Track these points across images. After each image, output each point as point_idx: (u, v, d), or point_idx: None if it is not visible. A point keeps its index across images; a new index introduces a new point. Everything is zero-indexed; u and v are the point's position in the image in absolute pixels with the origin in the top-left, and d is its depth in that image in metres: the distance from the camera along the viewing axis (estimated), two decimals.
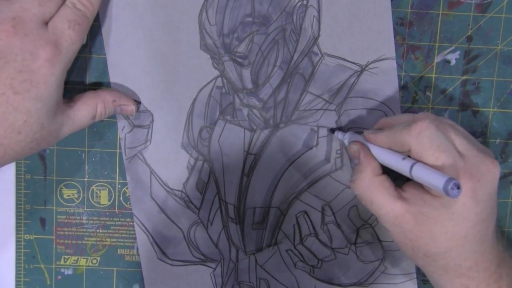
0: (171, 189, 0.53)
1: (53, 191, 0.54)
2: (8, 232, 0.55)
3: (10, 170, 0.54)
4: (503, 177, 0.54)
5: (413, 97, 0.53)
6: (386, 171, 0.46)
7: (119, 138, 0.53)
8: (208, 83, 0.52)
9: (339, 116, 0.52)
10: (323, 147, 0.53)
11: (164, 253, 0.54)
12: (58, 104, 0.45)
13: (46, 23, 0.44)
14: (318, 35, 0.51)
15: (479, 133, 0.53)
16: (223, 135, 0.52)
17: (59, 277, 0.56)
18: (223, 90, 0.52)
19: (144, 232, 0.54)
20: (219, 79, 0.51)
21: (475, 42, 0.52)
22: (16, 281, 0.56)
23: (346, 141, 0.50)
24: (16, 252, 0.55)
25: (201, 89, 0.52)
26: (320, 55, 0.51)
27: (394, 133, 0.44)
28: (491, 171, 0.42)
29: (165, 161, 0.53)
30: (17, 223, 0.55)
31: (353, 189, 0.47)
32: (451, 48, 0.52)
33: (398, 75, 0.52)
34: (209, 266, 0.55)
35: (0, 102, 0.42)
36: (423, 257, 0.44)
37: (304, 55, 0.51)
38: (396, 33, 0.51)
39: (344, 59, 0.51)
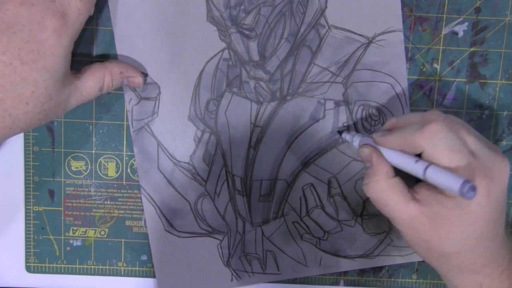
0: (178, 161, 0.53)
1: (61, 163, 0.55)
2: (18, 204, 0.56)
3: (18, 142, 0.54)
4: (509, 149, 0.54)
5: (421, 69, 0.53)
6: (397, 172, 0.46)
7: (126, 110, 0.53)
8: (215, 55, 0.51)
9: (346, 88, 0.52)
10: (330, 119, 0.53)
11: (171, 225, 0.55)
12: (66, 75, 0.45)
13: None
14: (326, 7, 0.51)
15: (486, 105, 0.53)
16: (230, 108, 0.52)
17: (68, 248, 0.56)
18: (230, 62, 0.52)
19: (152, 204, 0.54)
20: (226, 51, 0.51)
21: (484, 13, 0.52)
22: (26, 252, 0.56)
23: (355, 144, 0.50)
24: (26, 223, 0.56)
25: (208, 61, 0.51)
26: (327, 27, 0.51)
27: (406, 135, 0.44)
28: (503, 169, 0.43)
29: (172, 133, 0.53)
30: (26, 195, 0.55)
31: (366, 192, 0.47)
32: (459, 20, 0.52)
33: (406, 47, 0.52)
34: (216, 238, 0.55)
35: (8, 72, 0.42)
36: (438, 257, 0.45)
37: (311, 27, 0.51)
38: (403, 5, 0.51)
39: (351, 31, 0.51)
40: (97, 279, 0.57)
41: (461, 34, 0.52)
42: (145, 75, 0.51)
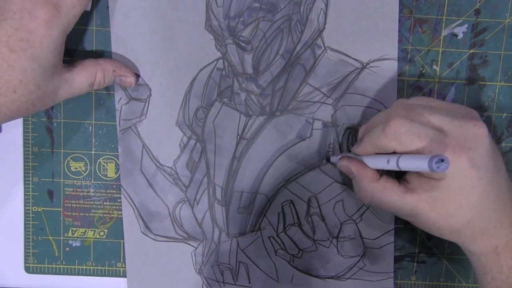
0: (161, 164, 0.53)
1: (60, 164, 0.54)
2: (17, 205, 0.56)
3: (18, 143, 0.54)
4: (509, 151, 0.54)
5: (420, 71, 0.53)
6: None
7: (115, 109, 0.53)
8: (209, 64, 0.52)
9: (336, 110, 0.52)
10: (316, 139, 0.53)
11: (147, 227, 0.55)
12: (56, 66, 0.45)
13: None
14: (324, 28, 0.51)
15: (485, 107, 0.53)
16: (218, 117, 0.52)
17: (67, 248, 0.56)
18: (223, 73, 0.52)
19: (130, 205, 0.54)
20: (221, 61, 0.51)
21: (483, 15, 0.52)
22: (25, 252, 0.56)
23: (337, 159, 0.51)
24: (25, 224, 0.56)
25: (201, 69, 0.52)
26: (323, 48, 0.51)
27: (373, 139, 0.44)
28: (478, 133, 0.42)
29: (158, 136, 0.53)
30: (25, 195, 0.55)
31: (361, 201, 0.48)
32: (458, 21, 0.52)
33: (405, 48, 0.52)
34: (191, 245, 0.55)
35: None
36: (450, 233, 0.45)
37: (308, 47, 0.51)
38: (403, 6, 0.51)
39: (346, 55, 0.51)
40: (96, 279, 0.57)
41: (460, 36, 0.52)
42: (137, 76, 0.51)
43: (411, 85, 0.53)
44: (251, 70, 0.51)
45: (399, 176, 0.47)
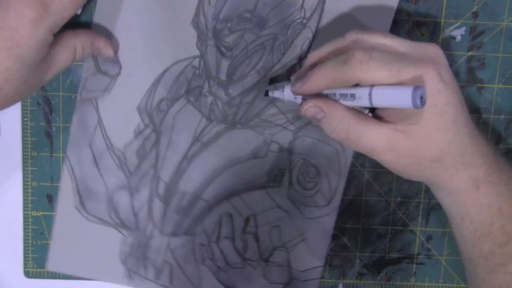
0: (112, 145, 0.53)
1: (59, 168, 0.54)
2: (16, 209, 0.55)
3: (16, 147, 0.54)
4: (506, 152, 0.55)
5: None
6: None
7: (81, 77, 0.52)
8: (185, 59, 0.51)
9: (295, 138, 0.52)
10: (269, 161, 0.53)
11: (82, 204, 0.54)
12: (40, 62, 0.44)
13: None
14: (305, 56, 0.51)
15: (483, 109, 0.54)
16: (180, 113, 0.52)
17: None
18: (197, 72, 0.51)
19: (71, 176, 0.53)
20: (197, 60, 0.51)
21: (481, 18, 0.52)
22: (25, 257, 0.56)
23: (291, 98, 0.47)
24: (24, 228, 0.55)
25: (176, 62, 0.51)
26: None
27: (331, 72, 0.42)
28: (438, 52, 0.42)
29: (115, 116, 0.52)
30: (24, 200, 0.55)
31: (336, 137, 0.44)
32: (456, 24, 0.52)
33: None
34: (121, 233, 0.54)
35: None
36: (431, 165, 0.43)
37: (285, 69, 0.51)
38: (401, 9, 0.51)
39: None
40: (96, 283, 0.57)
41: (458, 38, 0.52)
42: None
43: None
44: (224, 76, 0.51)
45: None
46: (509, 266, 0.44)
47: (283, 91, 0.48)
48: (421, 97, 0.37)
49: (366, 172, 0.55)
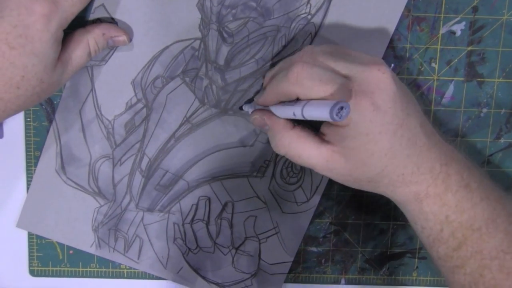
0: (102, 115, 0.53)
1: None
2: (20, 208, 0.55)
3: (20, 147, 0.55)
4: (507, 147, 0.55)
5: (419, 69, 0.53)
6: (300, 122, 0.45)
7: None
8: (186, 40, 0.51)
9: None
10: (256, 150, 0.53)
11: (63, 168, 0.53)
12: (56, 59, 0.45)
13: None
14: None
15: (484, 104, 0.54)
16: (174, 92, 0.52)
17: (71, 251, 0.57)
18: (196, 54, 0.52)
19: (55, 140, 0.53)
20: (198, 42, 0.51)
21: (481, 12, 0.52)
22: (29, 256, 0.56)
23: (250, 111, 0.50)
24: None
25: (177, 41, 0.51)
26: None
27: (276, 86, 0.44)
28: (381, 77, 0.41)
29: (109, 87, 0.52)
30: None
31: (278, 152, 0.46)
32: (456, 19, 0.52)
33: (403, 47, 0.53)
34: (97, 201, 0.54)
35: None
36: (369, 183, 0.45)
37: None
38: None
39: None
40: (100, 281, 0.57)
41: (458, 33, 0.53)
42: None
43: (409, 83, 0.53)
44: (223, 62, 0.51)
45: (316, 129, 0.46)
46: (467, 267, 0.45)
47: (249, 104, 0.50)
48: (340, 110, 0.37)
49: None
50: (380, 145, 0.42)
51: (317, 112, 0.39)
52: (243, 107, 0.52)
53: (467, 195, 0.44)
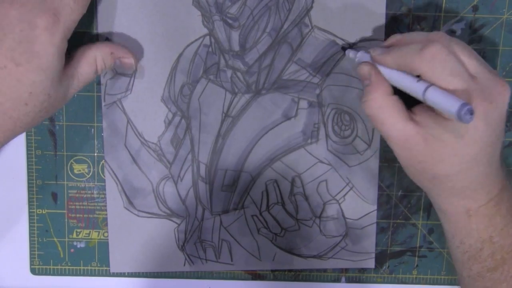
0: (146, 140, 0.53)
1: (63, 166, 0.55)
2: (21, 207, 0.56)
3: (21, 146, 0.54)
4: (508, 145, 0.55)
5: None
6: (396, 93, 0.45)
7: (100, 83, 0.52)
8: (195, 40, 0.51)
9: (321, 90, 0.52)
10: (301, 119, 0.53)
11: (131, 203, 0.55)
12: (61, 72, 0.44)
13: None
14: (311, 7, 0.51)
15: None
16: (204, 94, 0.52)
17: (72, 250, 0.57)
18: (210, 49, 0.51)
19: (114, 180, 0.54)
20: (207, 37, 0.51)
21: (481, 11, 0.52)
22: (31, 254, 0.57)
23: (358, 61, 0.48)
24: (30, 226, 0.56)
25: (188, 45, 0.51)
26: (310, 27, 0.51)
27: (405, 55, 0.43)
28: (502, 93, 0.42)
29: (143, 112, 0.53)
30: (29, 198, 0.55)
31: (365, 109, 0.45)
32: (456, 18, 0.52)
33: None
34: (174, 221, 0.55)
35: (3, 75, 0.41)
36: (431, 180, 0.45)
37: (295, 25, 0.51)
38: (402, 4, 0.51)
39: (333, 34, 0.51)
40: (101, 280, 0.58)
41: (459, 32, 0.52)
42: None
43: None
44: (237, 47, 0.51)
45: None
46: None
47: (356, 52, 0.49)
48: (468, 113, 0.38)
49: None
50: (467, 151, 0.42)
51: (443, 102, 0.39)
52: (347, 52, 0.50)
53: None
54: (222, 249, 0.56)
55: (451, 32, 0.52)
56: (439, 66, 0.41)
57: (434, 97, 0.40)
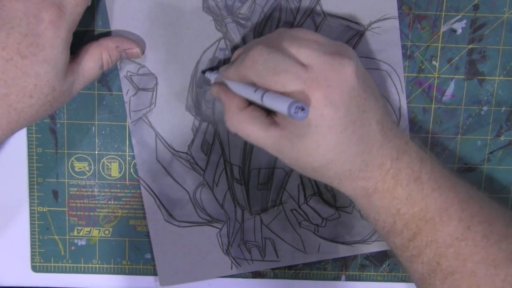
0: (176, 151, 0.54)
1: (64, 164, 0.55)
2: (22, 205, 0.56)
3: (21, 144, 0.55)
4: (507, 144, 0.55)
5: (419, 67, 0.53)
6: None
7: (124, 102, 0.53)
8: (211, 45, 0.51)
9: None
10: None
11: (170, 215, 0.55)
12: (66, 65, 0.45)
13: None
14: None
15: (484, 101, 0.54)
16: None
17: (73, 247, 0.57)
18: (226, 52, 0.52)
19: (151, 195, 0.55)
20: (222, 41, 0.51)
21: (482, 10, 0.52)
22: (31, 252, 0.57)
23: (213, 82, 0.50)
24: (30, 224, 0.56)
25: (204, 51, 0.52)
26: (322, 15, 0.51)
27: (238, 68, 0.43)
28: (341, 71, 0.40)
29: (170, 123, 0.53)
30: (30, 196, 0.56)
31: (228, 128, 0.46)
32: (457, 17, 0.52)
33: (404, 44, 0.52)
34: (215, 227, 0.56)
35: (9, 67, 0.42)
36: (314, 172, 0.44)
37: (307, 16, 0.51)
38: (402, 3, 0.51)
39: (346, 19, 0.51)
40: (102, 277, 0.58)
41: (459, 31, 0.52)
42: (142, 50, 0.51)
43: (410, 81, 0.53)
44: None
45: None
46: (423, 256, 0.45)
47: (211, 73, 0.50)
48: (299, 110, 0.37)
49: None
50: (327, 139, 0.41)
51: (276, 105, 0.39)
52: (206, 74, 0.51)
53: (418, 188, 0.44)
54: (266, 248, 0.56)
55: (452, 31, 0.52)
56: (262, 69, 0.41)
57: (268, 102, 0.40)
